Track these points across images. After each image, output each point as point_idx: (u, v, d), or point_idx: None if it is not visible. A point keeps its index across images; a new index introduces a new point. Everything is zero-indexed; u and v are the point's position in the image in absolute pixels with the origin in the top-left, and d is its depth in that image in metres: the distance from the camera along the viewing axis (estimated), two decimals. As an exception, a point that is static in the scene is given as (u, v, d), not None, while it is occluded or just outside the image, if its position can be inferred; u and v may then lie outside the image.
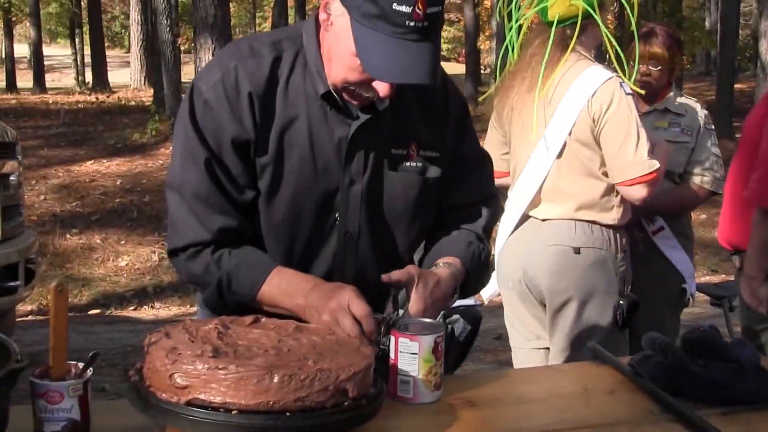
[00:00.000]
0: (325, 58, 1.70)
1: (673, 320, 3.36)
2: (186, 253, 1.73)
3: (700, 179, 3.36)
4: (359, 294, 1.61)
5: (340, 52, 1.64)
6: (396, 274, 1.68)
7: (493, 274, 3.09)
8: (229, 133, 1.70)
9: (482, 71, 22.99)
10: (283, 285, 1.68)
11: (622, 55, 2.87)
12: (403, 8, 1.53)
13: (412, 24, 1.54)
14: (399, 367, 1.56)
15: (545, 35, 2.82)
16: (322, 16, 1.67)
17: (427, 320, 1.63)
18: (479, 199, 1.92)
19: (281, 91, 1.72)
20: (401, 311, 1.68)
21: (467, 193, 1.91)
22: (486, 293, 3.18)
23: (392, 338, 1.56)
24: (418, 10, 1.53)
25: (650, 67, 3.29)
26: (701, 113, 3.40)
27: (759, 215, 2.67)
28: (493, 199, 1.98)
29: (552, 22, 2.79)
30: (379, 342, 1.59)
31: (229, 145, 1.70)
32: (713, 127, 3.43)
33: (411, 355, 1.55)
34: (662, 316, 3.27)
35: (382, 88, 1.62)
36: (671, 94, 3.42)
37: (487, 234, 1.92)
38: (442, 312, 1.79)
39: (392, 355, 1.57)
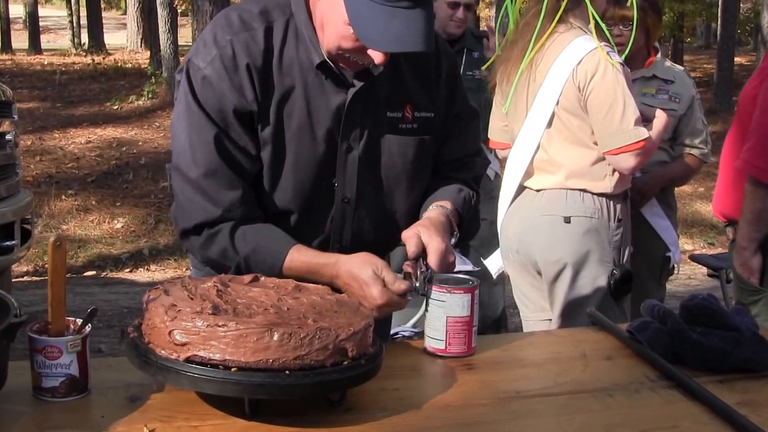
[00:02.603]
0: (318, 26, 1.70)
1: (657, 289, 3.37)
2: (201, 237, 1.71)
3: (698, 151, 3.37)
4: (376, 279, 1.61)
5: (333, 21, 1.63)
6: (412, 251, 1.69)
7: (498, 250, 3.10)
8: (232, 104, 1.69)
9: (481, 39, 22.83)
10: (303, 270, 1.68)
11: (605, 30, 2.85)
12: None
13: None
14: (474, 320, 1.65)
15: (540, 6, 2.79)
16: None
17: (460, 275, 1.70)
18: (470, 153, 1.97)
19: (276, 61, 1.71)
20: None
21: (460, 148, 1.94)
22: (493, 267, 3.18)
23: (464, 298, 1.62)
24: None
25: (622, 28, 3.27)
26: (691, 82, 3.40)
27: (750, 185, 2.66)
28: (480, 152, 2.03)
29: None
30: (422, 291, 1.65)
31: (232, 117, 1.69)
32: (699, 97, 3.45)
33: (477, 305, 1.65)
34: (645, 284, 3.28)
35: (377, 55, 1.62)
36: (658, 59, 3.40)
37: (476, 182, 1.98)
38: None
39: (467, 312, 1.63)
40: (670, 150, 3.39)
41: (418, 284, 1.64)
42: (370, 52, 1.61)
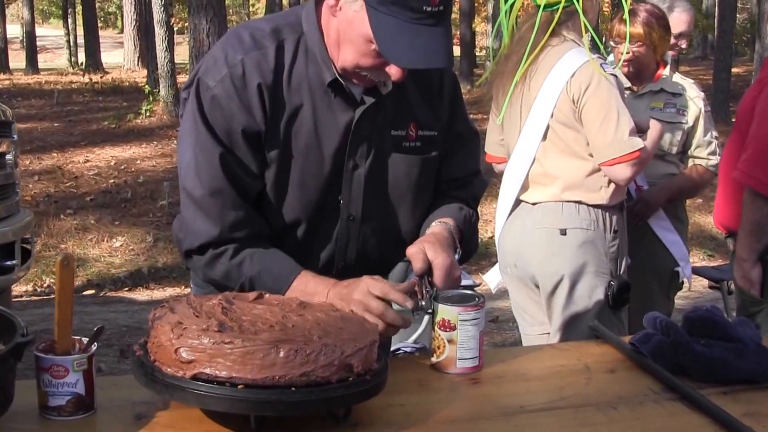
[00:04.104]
0: (332, 44, 1.69)
1: (665, 303, 3.37)
2: (204, 257, 1.72)
3: (707, 162, 3.37)
4: (375, 277, 1.64)
5: (352, 38, 1.63)
6: (419, 267, 1.68)
7: (498, 264, 3.10)
8: (240, 125, 1.69)
9: (477, 53, 22.95)
10: (302, 288, 1.68)
11: (597, 40, 2.88)
12: None
13: (429, 9, 1.55)
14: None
15: (534, 20, 2.82)
16: (329, 1, 1.66)
17: (465, 291, 1.70)
18: (470, 172, 1.97)
19: (286, 80, 1.71)
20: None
21: (460, 167, 1.94)
22: (492, 282, 3.18)
23: (477, 314, 1.62)
24: None
25: (629, 45, 3.29)
26: (700, 94, 3.41)
27: (749, 196, 2.67)
28: (479, 173, 2.03)
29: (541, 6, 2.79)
30: (427, 308, 1.65)
31: (240, 137, 1.69)
32: (710, 108, 3.45)
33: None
34: (653, 298, 3.27)
35: (395, 72, 1.63)
36: (666, 74, 3.42)
37: (475, 202, 1.98)
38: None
39: (485, 323, 1.64)
40: (679, 163, 3.39)
41: (424, 302, 1.64)
42: (388, 68, 1.62)
